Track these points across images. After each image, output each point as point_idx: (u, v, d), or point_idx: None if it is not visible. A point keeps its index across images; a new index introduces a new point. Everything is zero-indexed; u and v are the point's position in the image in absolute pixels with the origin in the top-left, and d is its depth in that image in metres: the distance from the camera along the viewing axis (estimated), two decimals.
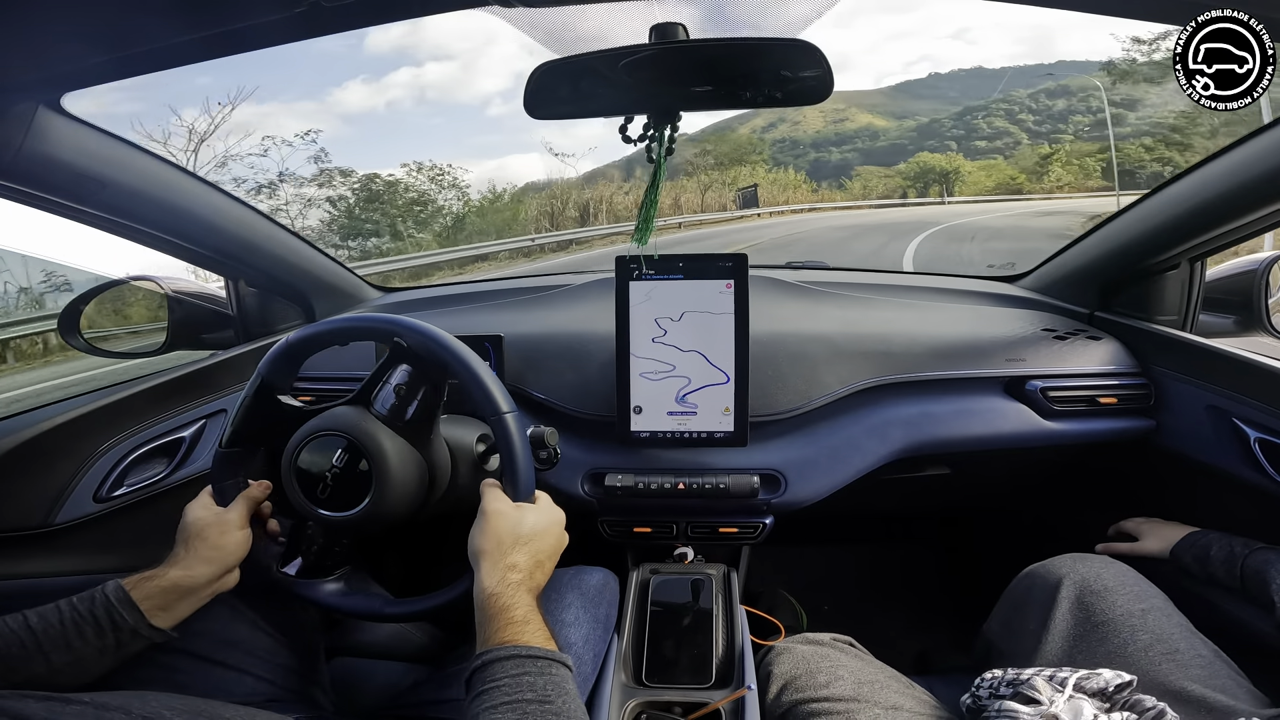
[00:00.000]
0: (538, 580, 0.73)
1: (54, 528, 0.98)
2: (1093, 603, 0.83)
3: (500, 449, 0.79)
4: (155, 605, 0.72)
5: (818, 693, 0.81)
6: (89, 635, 0.68)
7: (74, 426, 1.01)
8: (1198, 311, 1.15)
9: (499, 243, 15.70)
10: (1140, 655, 0.77)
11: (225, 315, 1.34)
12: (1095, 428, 1.16)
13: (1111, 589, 0.83)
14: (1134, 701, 0.68)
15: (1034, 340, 1.21)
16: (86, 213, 0.97)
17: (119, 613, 0.70)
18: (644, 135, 0.85)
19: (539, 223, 22.13)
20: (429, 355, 0.83)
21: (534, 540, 0.74)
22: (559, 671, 0.60)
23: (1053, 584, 0.87)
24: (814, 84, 0.78)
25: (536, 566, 0.73)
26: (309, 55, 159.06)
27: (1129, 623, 0.80)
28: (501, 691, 0.56)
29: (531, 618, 0.65)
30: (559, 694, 0.57)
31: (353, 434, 0.81)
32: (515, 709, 0.55)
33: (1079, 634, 0.82)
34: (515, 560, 0.71)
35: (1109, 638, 0.79)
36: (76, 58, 0.71)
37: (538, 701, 0.56)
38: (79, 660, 0.68)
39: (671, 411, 1.08)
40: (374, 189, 22.24)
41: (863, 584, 1.74)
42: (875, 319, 1.25)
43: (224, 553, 0.78)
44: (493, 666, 0.59)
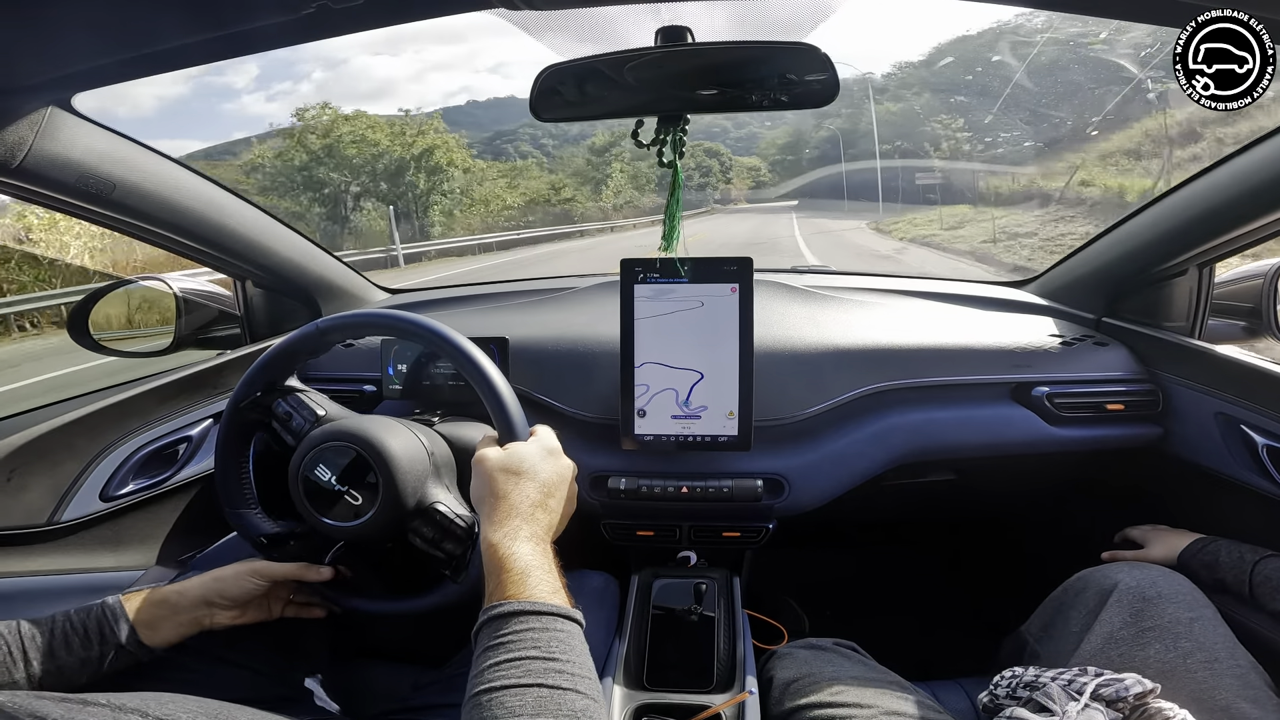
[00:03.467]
0: (541, 521, 0.67)
1: (60, 526, 0.98)
2: (1144, 609, 0.82)
3: (480, 395, 0.79)
4: (143, 621, 0.74)
5: (821, 697, 0.81)
6: (76, 647, 0.70)
7: (81, 425, 1.02)
8: (1206, 318, 1.14)
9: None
10: (1179, 662, 0.76)
11: (232, 315, 1.35)
12: (1102, 434, 1.16)
13: (1165, 596, 0.83)
14: (1154, 710, 0.68)
15: (1040, 346, 1.20)
16: (96, 212, 0.98)
17: (110, 625, 0.72)
18: (655, 140, 0.85)
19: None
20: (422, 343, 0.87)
21: (526, 473, 0.69)
22: (565, 626, 0.57)
23: (1106, 588, 0.86)
24: (819, 87, 0.79)
25: (536, 505, 0.68)
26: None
27: (1175, 630, 0.79)
28: (504, 649, 0.54)
29: (533, 568, 0.61)
30: (564, 650, 0.55)
31: (361, 444, 0.81)
32: (519, 666, 0.52)
33: (1122, 636, 0.81)
34: (511, 501, 0.66)
35: (1151, 643, 0.79)
36: (88, 58, 0.72)
37: (542, 658, 0.53)
38: (61, 670, 0.69)
39: (675, 415, 1.08)
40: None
41: (866, 589, 1.73)
42: (880, 323, 1.25)
43: (227, 589, 0.80)
44: (495, 623, 0.56)
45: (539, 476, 0.70)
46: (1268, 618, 0.85)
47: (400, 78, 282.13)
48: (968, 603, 1.65)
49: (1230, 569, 0.90)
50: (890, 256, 14.22)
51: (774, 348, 1.15)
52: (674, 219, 0.90)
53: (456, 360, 0.82)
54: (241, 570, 0.82)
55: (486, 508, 0.67)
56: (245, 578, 0.81)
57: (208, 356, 1.25)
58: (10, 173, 0.82)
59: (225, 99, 49.99)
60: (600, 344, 1.17)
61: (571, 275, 1.61)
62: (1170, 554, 0.99)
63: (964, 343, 1.20)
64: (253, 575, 0.82)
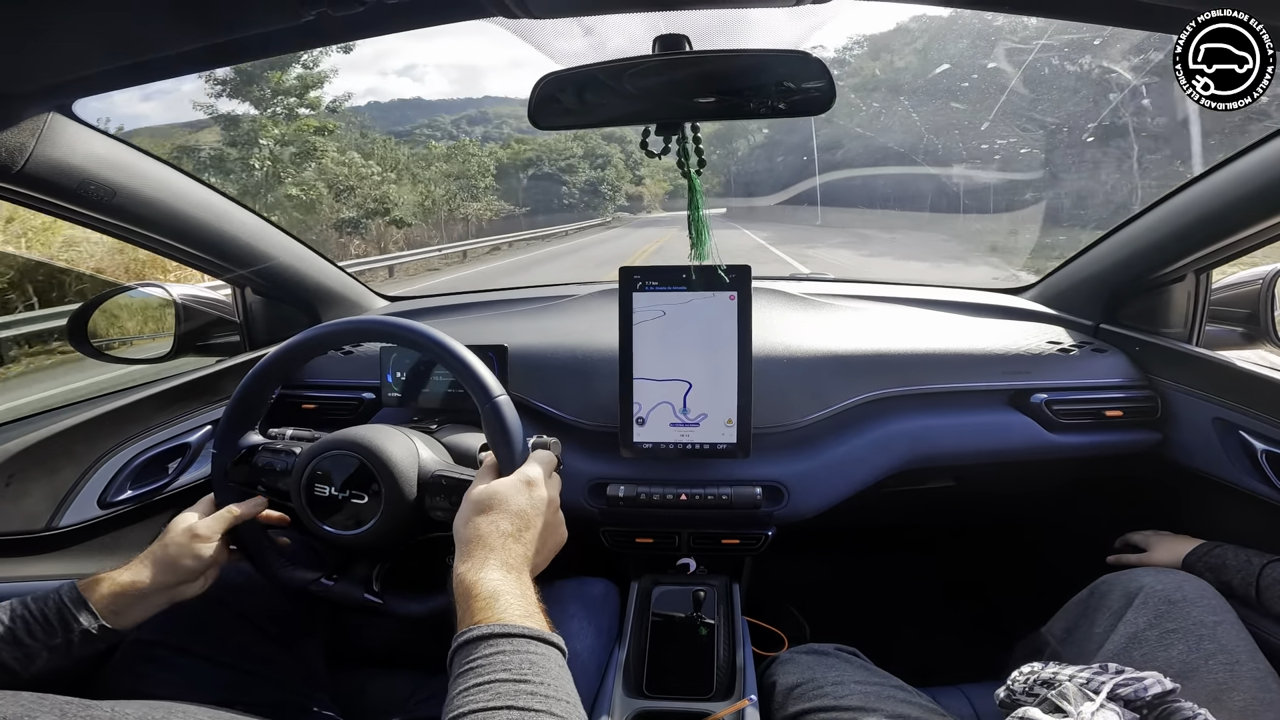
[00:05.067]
0: (514, 551, 0.66)
1: (58, 531, 0.98)
2: (1168, 611, 0.82)
3: (486, 432, 0.79)
4: (108, 608, 0.73)
5: (824, 702, 0.81)
6: (39, 634, 0.70)
7: (80, 432, 1.02)
8: (1203, 324, 1.14)
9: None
10: (1201, 663, 0.77)
11: (232, 322, 1.35)
12: (1101, 440, 1.16)
13: (1191, 599, 0.83)
14: (1173, 710, 0.68)
15: (1039, 352, 1.20)
16: (97, 218, 0.98)
17: (71, 613, 0.71)
18: (666, 149, 0.85)
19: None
20: (424, 352, 0.85)
21: (496, 507, 0.69)
22: (538, 649, 0.56)
23: (1133, 590, 0.87)
24: (817, 95, 0.79)
25: (507, 536, 0.67)
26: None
27: (1199, 632, 0.80)
28: (474, 674, 0.53)
29: (502, 592, 0.60)
30: (537, 671, 0.53)
31: (365, 453, 0.81)
32: (487, 690, 0.51)
33: (1147, 637, 0.81)
34: (481, 534, 0.66)
35: (1175, 644, 0.79)
36: (89, 65, 0.73)
37: (513, 680, 0.52)
38: (29, 657, 0.69)
39: (674, 423, 1.08)
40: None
41: (867, 596, 1.72)
42: (879, 331, 1.25)
43: (181, 561, 0.78)
44: (465, 649, 0.55)
45: (510, 508, 0.69)
46: (1273, 622, 0.85)
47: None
48: (968, 608, 1.64)
49: (1238, 572, 0.90)
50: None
51: (772, 355, 1.15)
52: (699, 226, 0.93)
53: (454, 369, 0.81)
54: (182, 541, 0.79)
55: (459, 544, 0.67)
56: (189, 546, 0.79)
57: (207, 363, 1.25)
58: (11, 179, 0.82)
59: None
60: (599, 352, 1.17)
61: (572, 283, 1.61)
62: (1174, 559, 0.99)
63: (963, 350, 1.21)
64: (195, 540, 0.80)
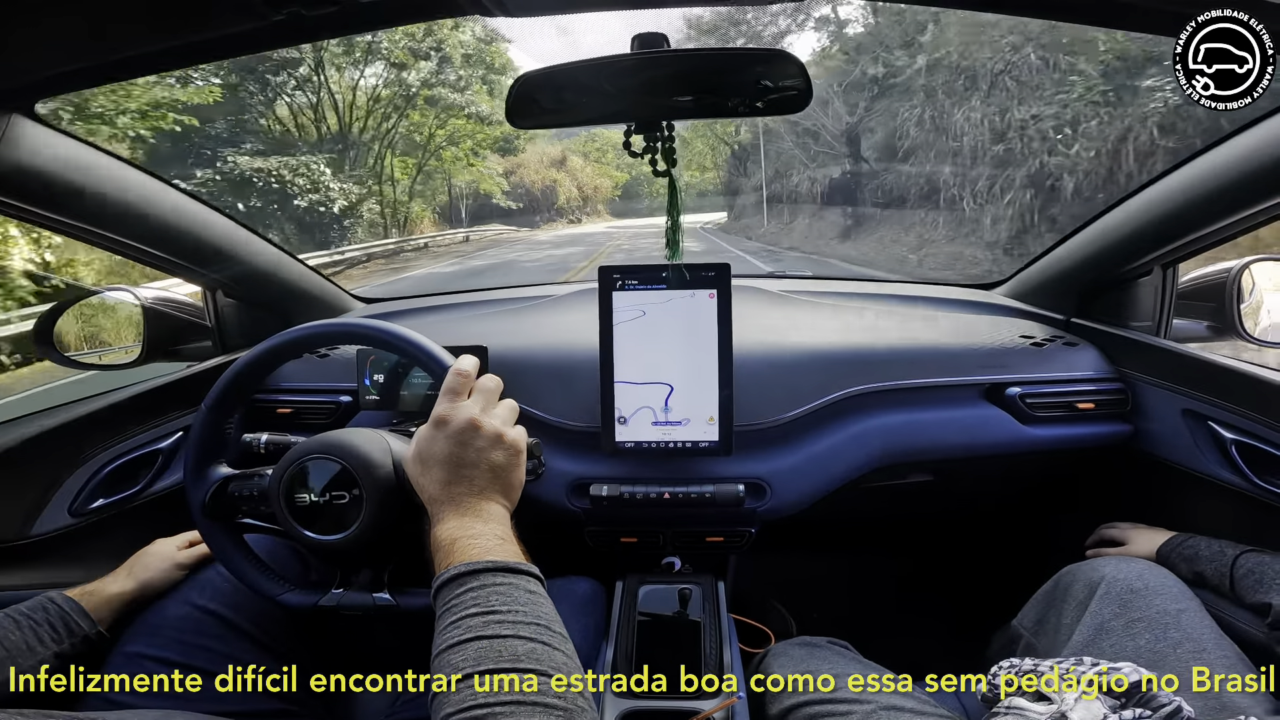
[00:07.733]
0: (459, 492, 0.65)
1: (29, 540, 0.96)
2: (1132, 600, 0.84)
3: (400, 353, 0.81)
4: (104, 617, 0.83)
5: (819, 694, 0.82)
6: (46, 639, 0.76)
7: (50, 439, 0.99)
8: (1171, 317, 1.17)
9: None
10: (1169, 651, 0.78)
11: (203, 326, 1.32)
12: (1074, 433, 1.18)
13: (1152, 588, 0.84)
14: (1150, 698, 0.69)
15: (1012, 347, 1.22)
16: (62, 222, 0.95)
17: (75, 621, 0.79)
18: (646, 149, 0.85)
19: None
20: (372, 344, 0.86)
21: (424, 458, 0.67)
22: (502, 579, 0.56)
23: (1095, 581, 0.88)
24: (794, 94, 0.79)
25: (447, 484, 0.66)
26: None
27: (1163, 620, 0.81)
28: (446, 615, 0.54)
29: (459, 537, 0.60)
30: (504, 601, 0.54)
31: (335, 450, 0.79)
32: (458, 626, 0.52)
33: (1112, 628, 0.83)
34: (427, 491, 0.67)
35: (1141, 634, 0.80)
36: (52, 65, 0.71)
37: (481, 613, 0.53)
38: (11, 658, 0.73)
39: (656, 422, 1.08)
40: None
41: (852, 590, 1.74)
42: (856, 328, 1.26)
43: (155, 586, 0.88)
44: (438, 597, 0.56)
45: (436, 454, 0.67)
46: (1246, 611, 0.86)
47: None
48: (951, 600, 1.67)
49: (1210, 562, 0.91)
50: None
51: (753, 353, 1.15)
52: (675, 228, 0.96)
53: (366, 339, 0.85)
54: (165, 568, 0.89)
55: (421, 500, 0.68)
56: (172, 572, 0.89)
57: (178, 368, 1.22)
58: None
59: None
60: (580, 351, 1.17)
61: (551, 283, 1.61)
62: (1149, 550, 1.00)
63: (938, 345, 1.22)
64: (178, 569, 0.90)
